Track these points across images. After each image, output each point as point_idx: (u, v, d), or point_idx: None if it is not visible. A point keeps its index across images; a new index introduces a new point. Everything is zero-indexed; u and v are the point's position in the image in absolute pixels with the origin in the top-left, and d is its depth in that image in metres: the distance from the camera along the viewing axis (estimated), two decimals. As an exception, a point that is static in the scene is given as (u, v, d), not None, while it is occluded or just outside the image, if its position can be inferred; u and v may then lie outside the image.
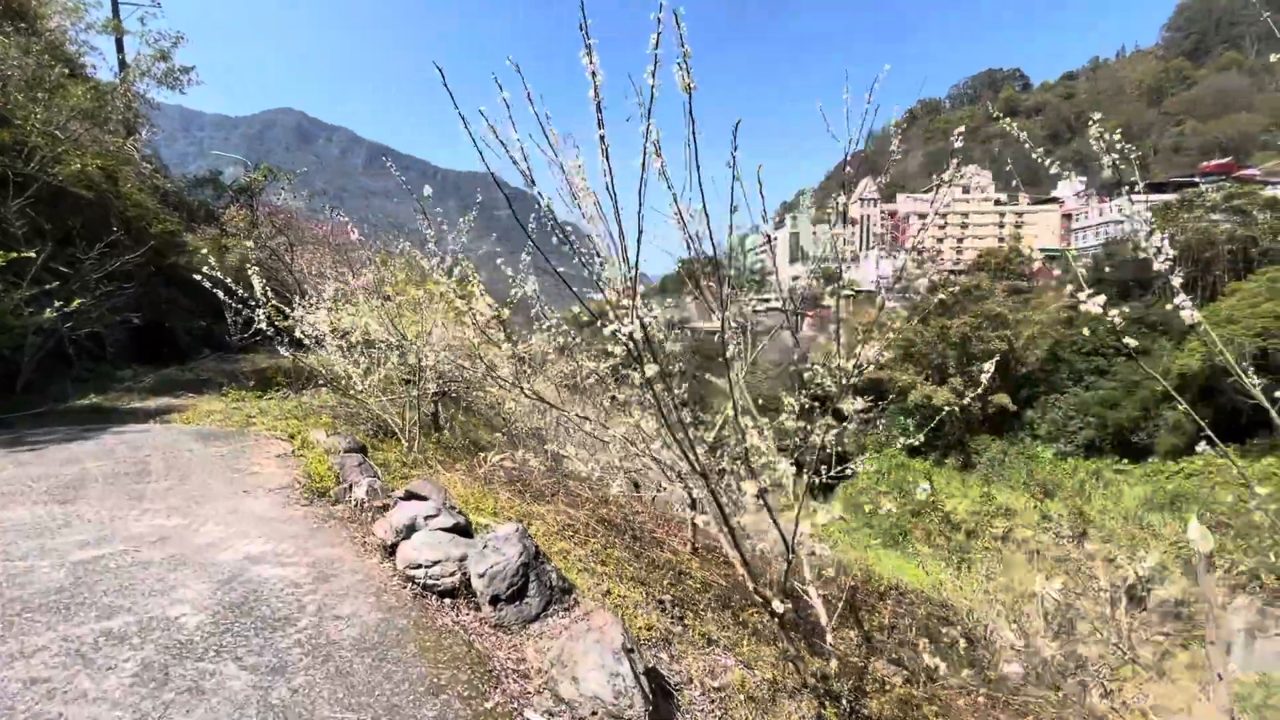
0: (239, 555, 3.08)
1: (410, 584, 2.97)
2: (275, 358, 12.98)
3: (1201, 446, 2.78)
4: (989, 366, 4.01)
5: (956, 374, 54.58)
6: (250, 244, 17.78)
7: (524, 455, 4.89)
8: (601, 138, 2.29)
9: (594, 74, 2.15)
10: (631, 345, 2.74)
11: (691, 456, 2.97)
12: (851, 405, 4.56)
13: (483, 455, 5.90)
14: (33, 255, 6.52)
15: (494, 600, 2.75)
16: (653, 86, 2.11)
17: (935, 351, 55.76)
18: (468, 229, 6.37)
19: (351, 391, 6.60)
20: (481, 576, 2.80)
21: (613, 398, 3.69)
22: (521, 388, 3.62)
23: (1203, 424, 4.32)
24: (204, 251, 15.95)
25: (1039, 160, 3.42)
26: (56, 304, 6.50)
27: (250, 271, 6.51)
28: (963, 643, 4.72)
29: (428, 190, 5.22)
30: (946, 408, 7.11)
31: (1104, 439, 40.97)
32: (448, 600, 2.83)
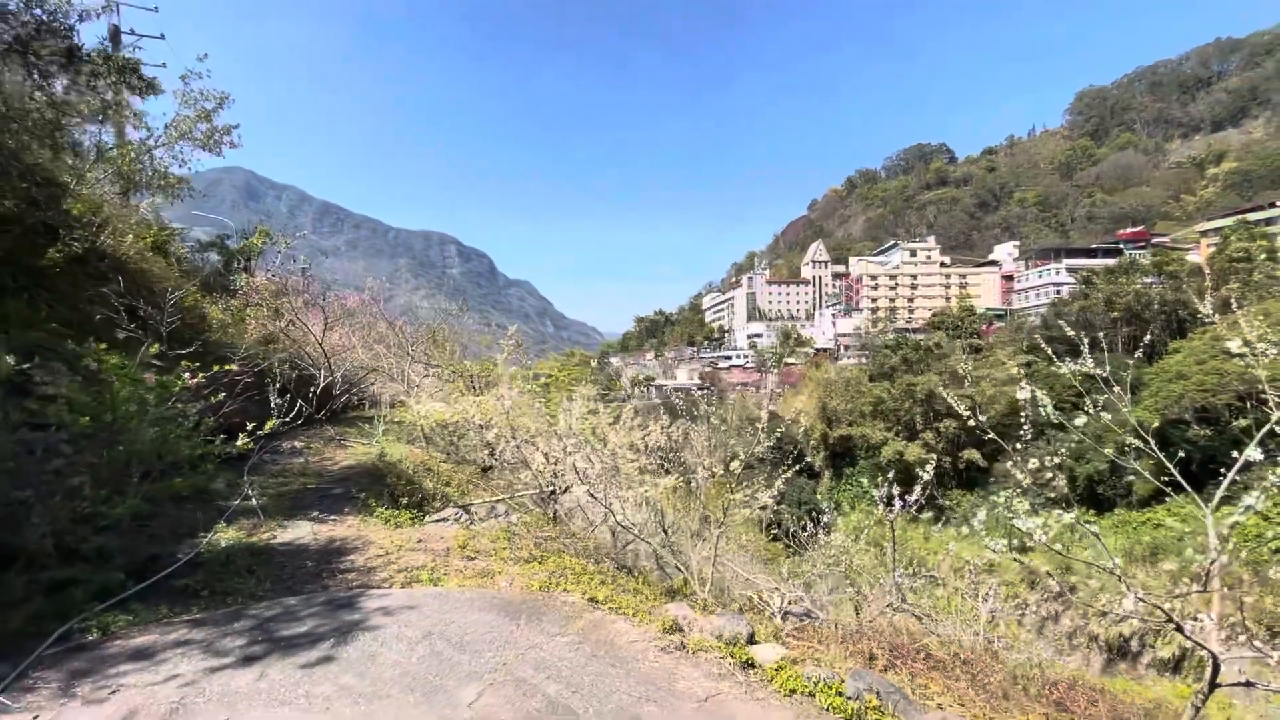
0: None
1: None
2: (333, 445, 12.18)
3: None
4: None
5: (925, 429, 56.45)
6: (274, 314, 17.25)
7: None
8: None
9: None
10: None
11: None
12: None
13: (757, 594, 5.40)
14: (204, 373, 5.93)
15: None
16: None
17: (904, 408, 57.57)
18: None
19: (629, 529, 5.68)
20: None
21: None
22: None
23: (1177, 475, 4.75)
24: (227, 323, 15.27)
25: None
26: (249, 425, 5.89)
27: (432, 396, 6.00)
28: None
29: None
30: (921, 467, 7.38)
31: (1073, 491, 42.69)
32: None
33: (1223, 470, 4.25)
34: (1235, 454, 4.04)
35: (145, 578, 5.06)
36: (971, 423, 4.80)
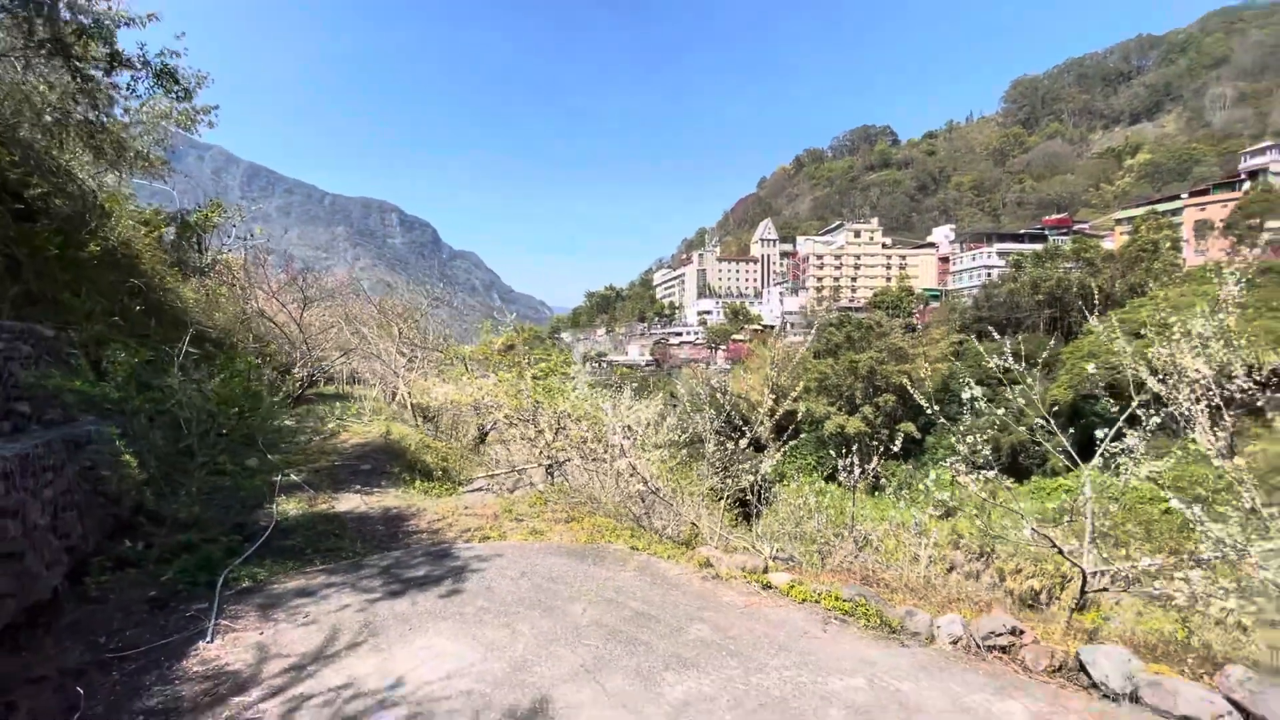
0: None
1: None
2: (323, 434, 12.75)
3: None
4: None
5: (865, 404, 59.98)
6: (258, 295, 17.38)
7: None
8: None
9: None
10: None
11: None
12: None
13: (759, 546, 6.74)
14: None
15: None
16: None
17: (846, 384, 60.89)
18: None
19: (657, 490, 6.88)
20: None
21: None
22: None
23: (1069, 447, 6.40)
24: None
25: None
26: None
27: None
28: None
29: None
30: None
31: (997, 460, 46.71)
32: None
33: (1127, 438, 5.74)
34: (1125, 428, 5.54)
35: (244, 541, 5.95)
36: (928, 407, 6.13)
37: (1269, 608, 4.04)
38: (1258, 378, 4.01)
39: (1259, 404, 3.96)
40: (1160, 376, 4.62)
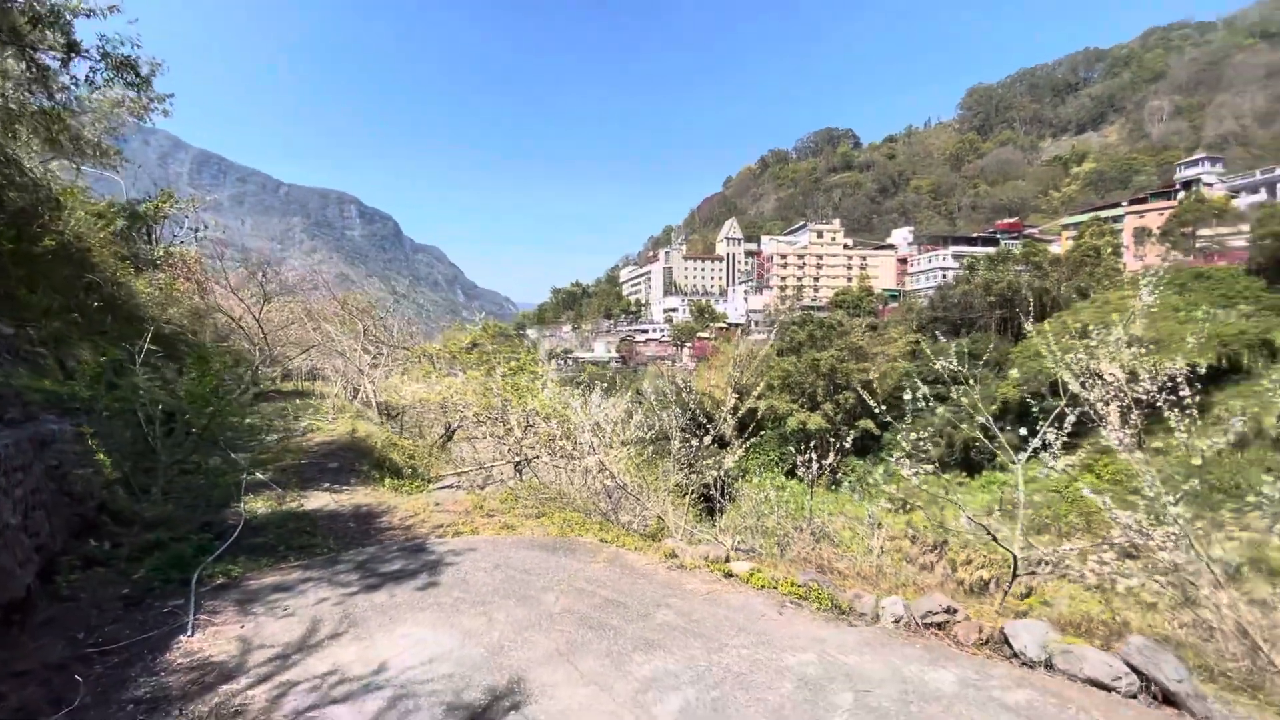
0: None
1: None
2: (292, 420, 12.64)
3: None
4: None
5: (826, 401, 61.46)
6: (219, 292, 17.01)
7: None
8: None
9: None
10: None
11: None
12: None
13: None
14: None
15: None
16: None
17: (808, 381, 62.25)
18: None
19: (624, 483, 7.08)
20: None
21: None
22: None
23: (1005, 443, 6.99)
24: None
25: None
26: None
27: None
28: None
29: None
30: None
31: (951, 456, 48.49)
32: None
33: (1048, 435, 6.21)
34: (1046, 428, 6.01)
35: (215, 539, 5.97)
36: (875, 408, 6.53)
37: (1168, 586, 4.54)
38: (1159, 381, 4.50)
39: (1157, 404, 4.45)
40: (1081, 380, 5.09)
